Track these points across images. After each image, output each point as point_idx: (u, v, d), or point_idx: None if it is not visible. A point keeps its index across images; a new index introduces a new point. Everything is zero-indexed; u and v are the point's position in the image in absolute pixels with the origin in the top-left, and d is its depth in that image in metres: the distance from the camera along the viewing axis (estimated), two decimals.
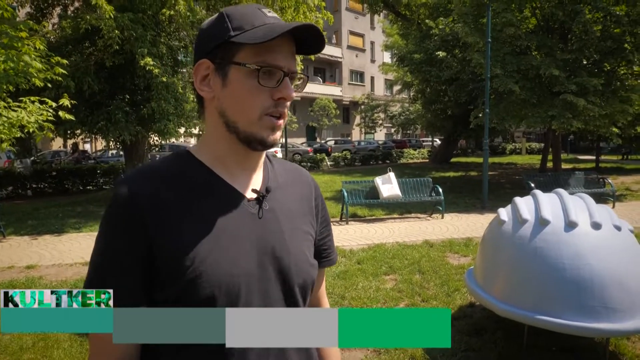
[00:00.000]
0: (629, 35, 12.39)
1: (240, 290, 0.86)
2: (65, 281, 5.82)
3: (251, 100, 0.88)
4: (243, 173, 0.95)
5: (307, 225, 1.02)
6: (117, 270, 0.85)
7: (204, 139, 0.96)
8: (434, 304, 4.77)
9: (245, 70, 0.87)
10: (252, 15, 0.88)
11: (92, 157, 24.47)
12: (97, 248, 0.88)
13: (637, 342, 3.88)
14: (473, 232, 8.30)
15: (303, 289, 0.96)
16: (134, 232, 0.84)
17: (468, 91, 17.27)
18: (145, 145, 13.26)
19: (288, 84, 0.89)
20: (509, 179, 18.01)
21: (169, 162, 0.93)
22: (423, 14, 21.38)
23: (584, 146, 37.22)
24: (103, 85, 10.75)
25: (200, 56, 0.91)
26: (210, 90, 0.91)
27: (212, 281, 0.83)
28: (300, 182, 1.06)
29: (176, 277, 0.83)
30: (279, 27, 0.85)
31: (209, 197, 0.89)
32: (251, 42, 0.84)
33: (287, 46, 0.89)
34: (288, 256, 0.93)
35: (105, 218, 0.87)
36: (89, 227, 9.41)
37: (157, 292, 0.85)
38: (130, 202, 0.84)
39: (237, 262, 0.87)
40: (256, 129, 0.89)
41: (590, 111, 11.74)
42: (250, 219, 0.91)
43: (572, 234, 3.32)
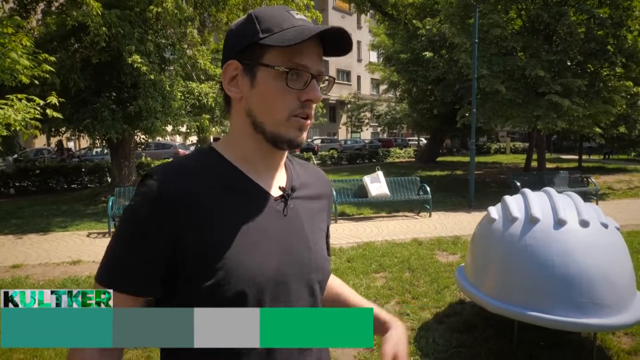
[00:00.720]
0: (612, 38, 12.62)
1: (269, 286, 0.88)
2: (52, 280, 5.76)
3: (279, 101, 0.89)
4: (268, 172, 0.97)
5: (322, 222, 1.06)
6: (140, 263, 0.86)
7: (230, 137, 0.97)
8: (425, 301, 4.83)
9: (273, 72, 0.88)
10: (281, 17, 0.89)
11: (76, 156, 24.18)
12: (119, 238, 0.89)
13: (622, 337, 3.98)
14: (461, 231, 8.40)
15: (321, 283, 1.00)
16: (161, 226, 0.84)
17: (454, 91, 17.44)
18: (132, 144, 13.15)
19: (315, 86, 0.90)
20: (495, 178, 18.23)
21: (195, 158, 0.94)
22: (410, 14, 21.49)
23: (566, 146, 37.82)
24: (89, 83, 10.63)
25: (229, 57, 0.92)
26: (238, 90, 0.92)
27: (243, 278, 0.85)
28: (318, 182, 1.09)
29: (205, 273, 0.84)
30: (308, 30, 0.86)
31: (237, 194, 0.91)
32: (280, 44, 0.85)
33: (314, 48, 0.90)
34: (309, 253, 0.96)
35: (131, 209, 0.88)
36: (75, 226, 9.30)
37: (180, 286, 0.86)
38: (159, 196, 0.85)
39: (265, 259, 0.89)
40: (284, 130, 0.90)
41: (575, 111, 11.95)
42: (276, 216, 0.93)
43: (561, 232, 3.38)
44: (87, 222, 9.69)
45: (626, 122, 16.68)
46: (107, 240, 6.52)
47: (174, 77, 11.67)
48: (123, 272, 0.87)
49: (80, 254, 7.09)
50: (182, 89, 11.93)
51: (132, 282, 0.87)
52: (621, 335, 4.00)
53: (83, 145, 30.72)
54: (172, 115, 11.35)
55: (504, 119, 13.67)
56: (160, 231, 0.85)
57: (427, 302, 4.79)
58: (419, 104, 22.42)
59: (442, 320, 4.35)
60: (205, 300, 0.85)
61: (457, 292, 5.06)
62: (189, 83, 12.38)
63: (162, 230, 0.85)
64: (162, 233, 0.85)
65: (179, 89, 11.64)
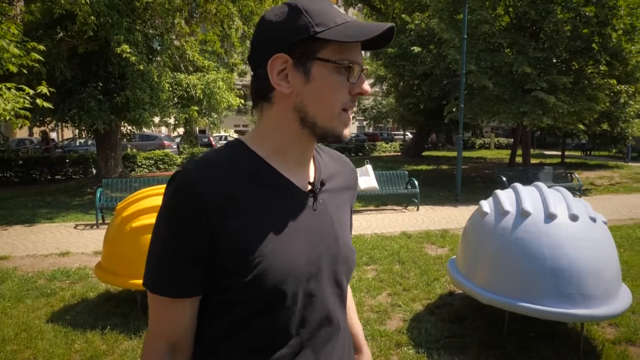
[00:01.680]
0: (597, 36, 12.82)
1: (303, 279, 0.90)
2: (42, 272, 5.71)
3: (334, 96, 0.89)
4: (298, 166, 0.97)
5: (347, 213, 1.09)
6: (182, 261, 0.86)
7: (263, 130, 0.96)
8: (415, 293, 4.91)
9: (331, 66, 0.87)
10: (330, 11, 0.89)
11: (59, 146, 23.82)
12: (161, 241, 0.88)
13: (606, 328, 4.10)
14: (448, 224, 8.52)
15: (347, 275, 1.02)
16: (198, 223, 0.84)
17: (442, 86, 17.55)
18: (118, 134, 13.01)
19: (365, 80, 0.92)
20: (480, 173, 18.45)
21: (226, 154, 0.93)
22: (398, 8, 21.54)
23: (549, 142, 38.36)
24: (75, 72, 10.49)
25: (273, 50, 0.89)
26: (288, 85, 0.89)
27: (280, 272, 0.87)
28: (345, 171, 1.10)
29: (242, 267, 0.86)
30: (370, 28, 0.87)
31: (269, 190, 0.91)
32: (343, 39, 0.85)
33: (359, 43, 0.91)
34: (337, 245, 0.98)
35: (168, 207, 0.87)
36: (62, 217, 9.20)
37: (218, 280, 0.88)
38: (192, 193, 0.85)
39: (299, 252, 0.91)
40: (336, 124, 0.91)
41: (560, 108, 12.15)
42: (307, 211, 0.95)
43: (551, 226, 3.47)
44: (74, 213, 9.59)
45: (609, 119, 16.99)
46: (95, 232, 6.52)
47: (162, 68, 11.57)
48: (168, 276, 0.87)
49: (68, 245, 7.03)
50: (170, 80, 11.83)
51: (175, 286, 0.87)
52: (605, 326, 4.13)
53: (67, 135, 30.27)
54: (160, 106, 11.26)
55: (490, 115, 13.82)
56: (201, 228, 0.84)
57: (418, 294, 4.87)
58: (405, 99, 22.51)
59: (433, 312, 4.44)
60: (244, 294, 0.87)
61: (447, 284, 5.16)
62: (177, 74, 12.27)
63: (201, 227, 0.84)
64: (202, 230, 0.84)
65: (167, 80, 11.54)
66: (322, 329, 0.95)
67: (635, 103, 16.04)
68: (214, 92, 12.35)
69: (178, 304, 0.88)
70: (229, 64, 16.11)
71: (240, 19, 13.47)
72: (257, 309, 0.88)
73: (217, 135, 31.18)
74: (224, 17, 12.73)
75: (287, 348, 0.91)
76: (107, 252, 4.25)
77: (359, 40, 0.86)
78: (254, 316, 0.89)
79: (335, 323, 0.99)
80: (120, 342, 3.77)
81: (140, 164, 17.70)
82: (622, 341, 3.84)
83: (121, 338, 3.83)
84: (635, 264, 5.94)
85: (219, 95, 12.53)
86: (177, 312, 0.89)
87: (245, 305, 0.88)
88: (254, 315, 0.89)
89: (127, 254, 4.01)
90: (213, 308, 0.91)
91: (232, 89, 13.70)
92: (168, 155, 18.86)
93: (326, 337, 0.96)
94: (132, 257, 3.96)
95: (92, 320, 4.19)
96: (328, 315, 0.97)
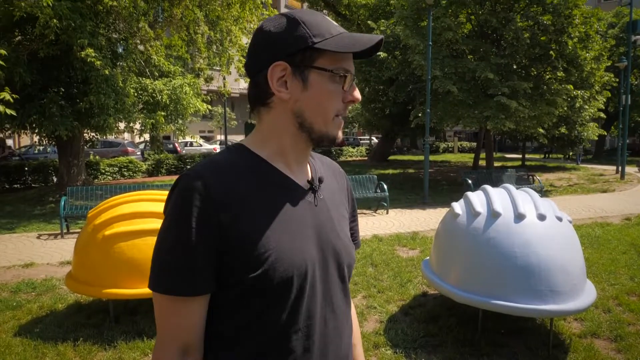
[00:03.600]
0: (554, 43, 13.37)
1: (308, 273, 0.94)
2: (5, 284, 5.49)
3: (329, 103, 0.95)
4: (298, 166, 1.02)
5: (345, 212, 1.13)
6: (193, 263, 0.88)
7: (262, 134, 1.00)
8: (390, 294, 4.98)
9: (327, 74, 0.94)
10: (325, 24, 0.95)
11: (16, 154, 22.91)
12: (167, 241, 0.90)
13: (572, 323, 4.28)
14: (418, 227, 8.67)
15: (349, 268, 1.07)
16: (208, 223, 0.87)
17: (407, 91, 17.87)
18: (82, 141, 12.66)
19: (356, 88, 0.99)
20: (445, 176, 18.85)
21: (229, 157, 0.97)
22: (363, 15, 21.84)
23: (509, 145, 39.59)
24: (35, 77, 10.15)
25: (273, 58, 0.94)
26: (287, 91, 0.95)
27: (288, 266, 0.91)
28: (336, 174, 1.17)
29: (252, 263, 0.89)
30: (363, 39, 0.94)
31: (273, 188, 0.96)
32: (339, 50, 0.91)
33: (352, 53, 0.98)
34: (339, 240, 1.03)
35: (175, 210, 0.90)
36: (23, 227, 8.87)
37: (228, 277, 0.90)
38: (202, 193, 0.87)
39: (304, 247, 0.95)
40: (330, 129, 0.98)
41: (521, 112, 12.59)
42: (309, 207, 0.99)
43: (521, 225, 3.61)
44: (36, 223, 9.27)
45: (566, 123, 17.70)
46: (60, 242, 6.32)
47: (126, 72, 11.34)
48: (181, 276, 0.88)
49: (32, 256, 6.79)
50: (136, 85, 11.60)
51: (191, 283, 0.88)
52: (572, 320, 4.31)
53: (24, 142, 29.15)
54: (125, 112, 11.02)
55: (455, 119, 14.18)
56: (208, 228, 0.87)
57: (392, 296, 4.94)
58: (371, 104, 22.77)
59: (408, 312, 4.52)
60: (253, 288, 0.90)
61: (420, 285, 5.26)
62: (142, 79, 12.05)
63: (209, 227, 0.87)
64: (210, 230, 0.87)
65: (132, 85, 11.31)
66: (327, 320, 0.99)
67: (590, 107, 16.78)
68: (180, 98, 12.19)
69: (190, 303, 0.89)
70: (195, 69, 15.92)
71: (206, 24, 13.35)
72: (266, 302, 0.91)
73: (182, 141, 30.71)
74: (189, 21, 12.59)
75: (296, 340, 0.94)
76: (78, 261, 4.14)
77: (353, 51, 0.92)
78: (263, 310, 0.92)
79: (340, 315, 1.03)
80: (94, 354, 3.68)
81: (103, 171, 17.25)
82: (588, 335, 4.01)
83: (95, 349, 3.74)
84: (596, 260, 6.21)
85: (185, 101, 12.38)
86: (189, 312, 0.90)
87: (254, 299, 0.91)
88: (263, 308, 0.92)
89: (100, 262, 3.91)
90: (222, 305, 0.93)
91: (198, 95, 13.56)
92: (132, 162, 18.45)
93: (332, 328, 1.00)
94: (105, 265, 3.88)
95: (62, 332, 4.06)
96: (333, 308, 1.01)
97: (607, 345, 3.86)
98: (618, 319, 4.32)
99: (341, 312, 1.04)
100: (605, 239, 7.50)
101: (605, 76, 15.99)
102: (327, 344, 0.99)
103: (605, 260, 6.26)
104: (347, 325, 1.06)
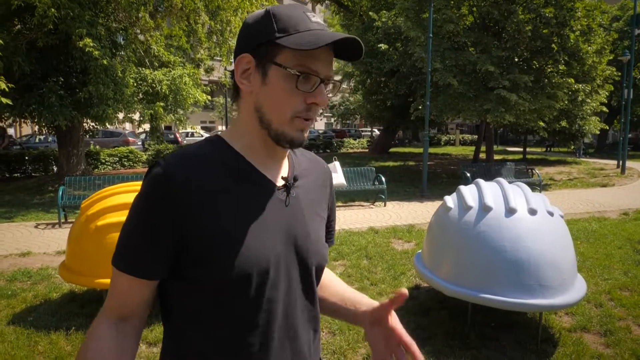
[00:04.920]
0: (555, 36, 13.29)
1: (270, 270, 0.94)
2: (1, 273, 5.53)
3: (286, 101, 0.92)
4: (272, 162, 1.01)
5: (322, 210, 1.11)
6: (149, 249, 0.90)
7: (237, 127, 1.00)
8: (383, 287, 5.00)
9: (285, 72, 0.91)
10: (298, 19, 0.92)
11: (17, 143, 22.97)
12: (131, 224, 0.92)
13: (563, 317, 4.30)
14: (415, 219, 8.69)
15: (318, 269, 1.05)
16: (170, 211, 0.88)
17: (408, 83, 17.82)
18: (81, 131, 12.67)
19: (322, 91, 0.94)
20: (445, 169, 18.83)
21: (203, 147, 0.97)
22: (365, 6, 21.71)
23: (511, 138, 39.48)
24: (34, 67, 10.15)
25: (243, 50, 0.95)
26: (249, 84, 0.95)
27: (248, 262, 0.90)
28: (319, 171, 1.14)
29: (212, 256, 0.89)
30: (324, 37, 0.89)
31: (243, 183, 0.95)
32: (295, 47, 0.88)
33: (326, 53, 0.93)
34: (308, 240, 1.01)
35: (141, 197, 0.92)
36: (22, 216, 8.92)
37: (188, 269, 0.91)
38: (166, 183, 0.89)
39: (268, 245, 0.94)
40: (287, 129, 0.94)
41: (521, 106, 12.55)
42: (279, 205, 0.98)
43: (512, 219, 3.61)
44: (34, 212, 9.31)
45: (567, 116, 17.63)
46: (57, 231, 6.35)
47: (126, 62, 11.31)
48: (135, 257, 0.91)
49: (29, 245, 6.83)
50: (135, 76, 11.58)
51: (142, 266, 0.91)
52: (562, 315, 4.32)
53: (25, 132, 29.21)
54: (124, 102, 11.03)
55: (455, 112, 14.13)
56: (169, 216, 0.88)
57: (385, 288, 4.96)
58: (372, 95, 22.74)
59: (401, 305, 4.53)
60: (210, 283, 0.90)
61: (413, 277, 5.28)
62: (142, 69, 12.03)
63: (170, 215, 0.88)
64: (171, 218, 0.89)
65: (132, 75, 11.30)
66: (290, 319, 0.98)
67: (592, 101, 16.70)
68: (180, 88, 12.18)
69: (140, 285, 0.93)
70: (195, 60, 15.88)
71: (206, 14, 13.28)
72: (223, 298, 0.91)
73: (183, 131, 30.72)
74: (190, 11, 12.53)
75: (253, 336, 0.94)
76: (72, 251, 4.16)
77: (309, 49, 0.87)
78: (221, 304, 0.92)
79: (305, 315, 1.02)
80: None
81: (103, 161, 17.28)
82: (578, 329, 4.03)
83: None
84: (591, 255, 6.22)
85: (185, 92, 12.36)
86: (137, 292, 0.94)
87: (212, 294, 0.91)
88: (220, 305, 0.92)
89: (92, 252, 3.93)
90: (180, 295, 0.94)
91: (198, 85, 13.53)
92: (133, 152, 18.47)
93: (294, 327, 0.99)
94: (98, 255, 3.89)
95: (56, 321, 4.10)
96: (297, 307, 1.00)
97: (596, 339, 3.88)
98: (609, 313, 4.33)
99: (306, 312, 1.03)
100: (602, 233, 7.50)
101: (607, 70, 15.88)
102: (288, 342, 0.98)
103: (600, 255, 6.26)
104: (311, 326, 1.05)
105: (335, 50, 0.96)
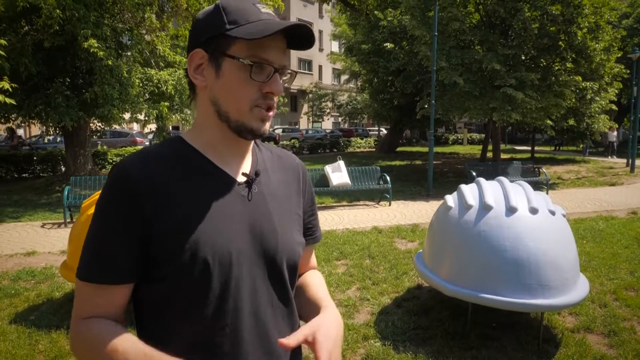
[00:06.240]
0: (563, 34, 13.14)
1: (232, 266, 0.93)
2: (6, 272, 5.58)
3: (241, 92, 0.93)
4: (233, 158, 1.00)
5: (294, 205, 1.09)
6: (115, 250, 0.89)
7: (196, 124, 1.00)
8: (384, 286, 4.98)
9: (238, 63, 0.91)
10: (248, 10, 0.93)
11: (26, 143, 23.18)
12: (94, 227, 0.91)
13: (567, 317, 4.25)
14: (419, 219, 8.64)
15: (290, 264, 1.03)
16: (130, 212, 0.88)
17: (414, 82, 17.74)
18: (87, 131, 12.75)
19: (277, 79, 0.94)
20: (452, 168, 18.73)
21: (164, 146, 0.98)
22: (371, 5, 21.65)
23: (520, 137, 39.16)
24: (41, 68, 10.21)
25: (195, 45, 0.95)
26: (203, 79, 0.95)
27: (209, 258, 0.89)
28: (286, 166, 1.12)
29: (172, 255, 0.88)
30: (273, 25, 0.89)
31: (202, 180, 0.95)
32: (246, 37, 0.89)
33: (279, 42, 0.94)
34: (275, 236, 1.00)
35: (103, 198, 0.91)
36: (28, 216, 8.99)
37: (152, 270, 0.91)
38: (126, 183, 0.89)
39: (229, 240, 0.93)
40: (247, 119, 0.94)
41: (528, 104, 12.43)
42: (241, 201, 0.97)
43: (512, 218, 3.58)
44: (41, 212, 9.38)
45: (575, 115, 17.44)
46: (63, 231, 6.38)
47: (131, 63, 11.36)
48: (100, 264, 0.90)
49: (34, 245, 6.88)
50: (141, 76, 11.63)
51: (110, 272, 0.90)
52: (566, 315, 4.27)
53: (34, 132, 29.46)
54: (130, 102, 11.07)
55: (461, 111, 14.04)
56: (131, 216, 0.88)
57: (387, 288, 4.94)
58: (379, 95, 22.67)
59: (401, 304, 4.51)
60: (175, 280, 0.89)
61: (415, 277, 5.24)
62: (147, 70, 12.08)
63: (132, 215, 0.88)
64: (133, 218, 0.88)
65: (137, 76, 11.34)
66: (259, 316, 0.96)
67: (600, 99, 16.52)
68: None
69: (106, 291, 0.91)
70: None
71: None
72: (189, 296, 0.90)
73: None
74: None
75: (222, 336, 0.92)
76: (73, 250, 4.18)
77: (258, 38, 0.88)
78: (187, 304, 0.91)
79: (274, 312, 1.00)
80: None
81: (111, 161, 17.36)
82: (581, 329, 3.98)
83: None
84: (597, 255, 6.14)
85: None
86: (105, 300, 0.91)
87: (178, 294, 0.91)
88: (188, 303, 0.91)
89: None
90: (150, 299, 0.94)
91: None
92: None
93: (264, 324, 0.97)
94: None
95: (57, 320, 4.12)
96: (266, 304, 0.98)
97: (599, 340, 3.83)
98: (613, 314, 4.28)
99: (278, 310, 1.01)
100: (609, 232, 7.41)
101: (616, 67, 15.69)
102: (259, 342, 0.96)
103: (607, 254, 6.19)
104: (286, 324, 1.03)
105: (288, 40, 0.96)
